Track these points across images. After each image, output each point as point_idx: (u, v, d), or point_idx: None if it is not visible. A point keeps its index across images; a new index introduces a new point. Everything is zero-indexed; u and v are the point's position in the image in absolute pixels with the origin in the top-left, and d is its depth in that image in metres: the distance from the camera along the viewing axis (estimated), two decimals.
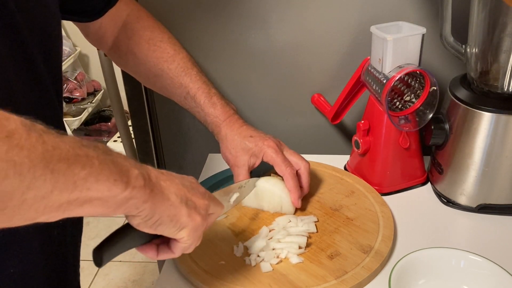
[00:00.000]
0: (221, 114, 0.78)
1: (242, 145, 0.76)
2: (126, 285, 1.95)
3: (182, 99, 0.79)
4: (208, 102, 0.77)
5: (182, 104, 0.80)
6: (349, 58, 0.97)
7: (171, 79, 0.78)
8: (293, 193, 0.75)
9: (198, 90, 0.77)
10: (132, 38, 0.78)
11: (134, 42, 0.78)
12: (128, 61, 0.80)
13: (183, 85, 0.77)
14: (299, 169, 0.77)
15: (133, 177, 0.42)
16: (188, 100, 0.78)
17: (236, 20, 0.97)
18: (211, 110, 0.77)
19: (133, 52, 0.78)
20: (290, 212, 0.78)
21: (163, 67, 0.77)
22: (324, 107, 1.00)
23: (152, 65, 0.78)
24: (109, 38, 0.79)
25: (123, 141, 1.26)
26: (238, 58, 1.01)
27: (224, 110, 0.78)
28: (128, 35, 0.78)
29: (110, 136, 2.57)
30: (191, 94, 0.77)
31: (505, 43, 0.74)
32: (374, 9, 0.92)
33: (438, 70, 0.93)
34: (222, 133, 0.77)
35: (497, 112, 0.73)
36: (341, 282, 0.64)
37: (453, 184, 0.81)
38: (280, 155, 0.75)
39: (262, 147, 0.76)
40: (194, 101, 0.77)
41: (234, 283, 0.65)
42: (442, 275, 0.65)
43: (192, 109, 0.79)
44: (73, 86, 2.52)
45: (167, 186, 0.47)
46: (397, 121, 0.81)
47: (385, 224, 0.75)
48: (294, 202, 0.76)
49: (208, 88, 0.78)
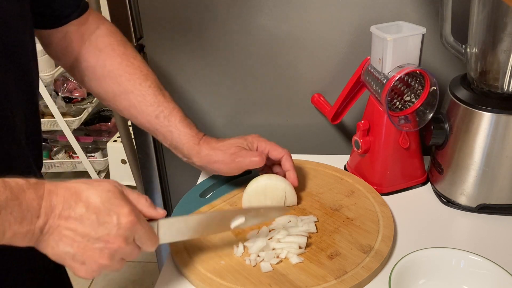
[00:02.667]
0: (196, 134, 0.78)
1: (233, 145, 0.77)
2: (126, 285, 1.95)
3: (153, 118, 0.76)
4: (183, 122, 0.77)
5: (149, 123, 0.77)
6: (349, 58, 0.97)
7: (143, 97, 0.76)
8: (292, 171, 0.79)
9: (173, 110, 0.77)
10: (103, 51, 0.76)
11: (106, 54, 0.76)
12: (94, 75, 0.77)
13: (156, 103, 0.76)
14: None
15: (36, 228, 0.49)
16: (160, 119, 0.76)
17: (235, 20, 0.97)
18: (187, 130, 0.77)
19: (103, 65, 0.76)
20: (294, 203, 0.80)
21: (135, 84, 0.76)
22: (324, 107, 1.00)
23: (124, 80, 0.76)
24: (73, 49, 0.76)
25: (123, 141, 1.26)
26: (238, 58, 1.01)
27: (198, 131, 0.78)
28: (100, 47, 0.76)
29: (110, 136, 2.57)
30: (165, 113, 0.76)
31: (505, 43, 0.74)
32: (374, 9, 0.92)
33: (438, 70, 0.93)
34: (204, 151, 0.77)
35: (497, 112, 0.73)
36: (341, 282, 0.64)
37: (453, 184, 0.81)
38: (271, 142, 0.80)
39: (252, 140, 0.80)
40: (167, 120, 0.76)
41: (234, 283, 0.65)
42: (442, 275, 0.65)
43: (162, 129, 0.77)
44: (73, 86, 2.52)
45: (59, 238, 0.50)
46: (397, 121, 0.81)
47: (385, 224, 0.75)
48: (295, 180, 0.79)
49: (181, 110, 0.78)
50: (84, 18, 0.75)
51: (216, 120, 1.08)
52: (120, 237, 0.52)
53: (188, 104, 1.05)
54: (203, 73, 1.04)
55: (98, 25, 0.77)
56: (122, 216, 0.52)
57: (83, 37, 0.76)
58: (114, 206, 0.52)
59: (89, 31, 0.76)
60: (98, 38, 0.77)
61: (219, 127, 1.09)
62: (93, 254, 0.51)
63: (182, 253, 0.71)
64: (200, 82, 1.05)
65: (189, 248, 0.72)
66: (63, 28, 0.74)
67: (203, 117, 1.07)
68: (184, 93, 1.05)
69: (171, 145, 0.78)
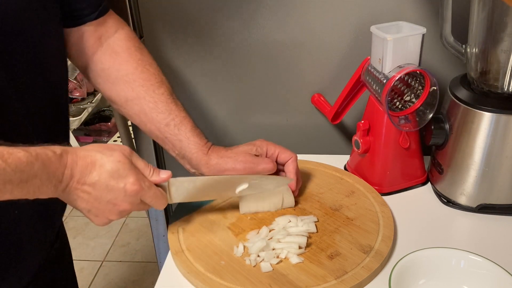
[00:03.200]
0: (205, 144, 0.78)
1: (243, 152, 0.77)
2: (126, 285, 1.95)
3: (163, 125, 0.76)
4: (194, 131, 0.77)
5: (159, 130, 0.77)
6: (349, 58, 0.97)
7: (155, 103, 0.76)
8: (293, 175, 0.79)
9: (184, 119, 0.77)
10: (120, 55, 0.76)
11: (123, 58, 0.76)
12: (108, 78, 0.77)
13: (168, 111, 0.76)
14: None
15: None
16: (171, 127, 0.76)
17: (236, 20, 0.97)
18: (197, 139, 0.77)
19: (119, 68, 0.76)
20: (292, 204, 0.80)
21: (149, 90, 0.76)
22: (324, 107, 1.00)
23: (137, 86, 0.76)
24: (89, 50, 0.76)
25: (123, 141, 1.26)
26: (238, 58, 1.01)
27: (207, 141, 0.78)
28: (117, 50, 0.76)
29: (110, 136, 2.57)
30: (176, 121, 0.76)
31: (505, 43, 0.74)
32: (374, 9, 0.92)
33: (438, 70, 0.93)
34: (213, 160, 0.77)
35: (497, 112, 0.73)
36: (341, 282, 0.64)
37: (453, 184, 0.81)
38: (279, 145, 0.80)
39: (261, 145, 0.79)
40: (178, 128, 0.76)
41: (234, 283, 0.65)
42: (442, 275, 0.65)
43: (172, 137, 0.77)
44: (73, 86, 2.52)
45: (77, 197, 0.61)
46: (397, 121, 0.81)
47: (385, 224, 0.75)
48: (293, 185, 0.79)
49: (192, 119, 0.78)
50: (103, 20, 0.75)
51: (216, 120, 1.08)
52: (126, 202, 0.63)
53: (188, 103, 1.05)
54: (203, 73, 1.04)
55: (117, 28, 0.77)
56: (128, 184, 0.62)
57: (100, 39, 0.76)
58: (122, 175, 0.62)
59: (107, 34, 0.76)
60: (116, 41, 0.77)
61: (219, 127, 1.09)
62: (103, 211, 0.63)
63: (182, 253, 0.71)
64: (200, 82, 1.05)
65: (189, 248, 0.72)
66: (80, 28, 0.73)
67: (203, 117, 1.07)
68: (184, 92, 1.05)
69: (179, 155, 0.78)
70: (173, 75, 1.03)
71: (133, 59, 0.76)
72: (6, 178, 0.52)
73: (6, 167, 0.52)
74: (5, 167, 0.52)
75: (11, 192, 0.53)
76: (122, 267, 2.03)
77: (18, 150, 0.54)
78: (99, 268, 2.03)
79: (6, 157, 0.52)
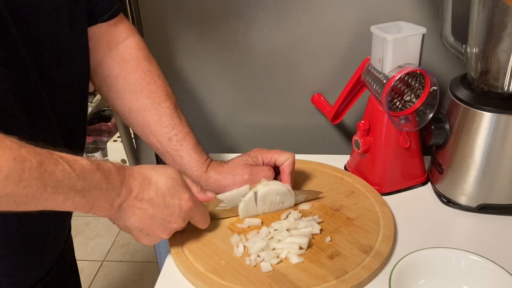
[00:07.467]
0: (205, 161, 0.77)
1: (239, 165, 0.77)
2: (126, 285, 1.95)
3: (165, 139, 0.76)
4: (196, 148, 0.77)
5: (161, 144, 0.76)
6: (349, 58, 0.97)
7: (160, 116, 0.75)
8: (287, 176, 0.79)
9: (187, 135, 0.76)
10: (129, 63, 0.75)
11: (131, 67, 0.75)
12: (114, 85, 0.76)
13: (171, 125, 0.75)
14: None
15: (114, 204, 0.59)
16: (173, 142, 0.76)
17: (236, 20, 0.97)
18: (198, 157, 0.77)
19: (126, 77, 0.75)
20: (291, 204, 0.80)
21: (154, 103, 0.75)
22: (324, 107, 1.00)
23: (143, 96, 0.75)
24: (98, 53, 0.75)
25: (123, 141, 1.26)
26: (238, 58, 1.01)
27: (207, 157, 0.78)
28: (126, 58, 0.75)
29: (110, 136, 2.57)
30: (179, 136, 0.76)
31: (505, 43, 0.74)
32: (374, 9, 0.92)
33: (438, 70, 0.93)
34: (212, 177, 0.77)
35: (497, 112, 0.73)
36: (341, 282, 0.64)
37: (453, 184, 0.81)
38: (273, 150, 0.80)
39: (256, 154, 0.79)
40: (180, 144, 0.76)
41: (234, 283, 0.65)
42: (442, 275, 0.65)
43: (173, 152, 0.76)
44: None
45: (132, 214, 0.61)
46: (397, 121, 0.82)
47: (385, 224, 0.75)
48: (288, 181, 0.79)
49: (195, 135, 0.78)
50: (114, 22, 0.74)
51: (216, 120, 1.08)
52: (180, 218, 0.65)
53: (188, 103, 1.05)
54: (203, 73, 1.04)
55: (128, 35, 0.76)
56: (183, 200, 0.64)
57: (109, 43, 0.75)
58: (177, 192, 0.64)
59: (117, 39, 0.75)
60: (126, 49, 0.76)
61: (219, 127, 1.09)
62: (156, 230, 0.64)
63: (182, 253, 0.71)
64: (200, 82, 1.05)
65: (189, 248, 0.72)
66: (90, 29, 0.72)
67: (203, 117, 1.07)
68: (184, 92, 1.05)
69: (183, 167, 0.77)
70: (173, 75, 1.03)
71: (142, 69, 0.76)
72: (71, 183, 0.52)
73: (71, 172, 0.52)
74: (71, 172, 0.51)
75: (73, 200, 0.53)
76: (122, 267, 2.03)
77: (81, 157, 0.54)
78: (99, 268, 2.03)
79: (72, 162, 0.52)
